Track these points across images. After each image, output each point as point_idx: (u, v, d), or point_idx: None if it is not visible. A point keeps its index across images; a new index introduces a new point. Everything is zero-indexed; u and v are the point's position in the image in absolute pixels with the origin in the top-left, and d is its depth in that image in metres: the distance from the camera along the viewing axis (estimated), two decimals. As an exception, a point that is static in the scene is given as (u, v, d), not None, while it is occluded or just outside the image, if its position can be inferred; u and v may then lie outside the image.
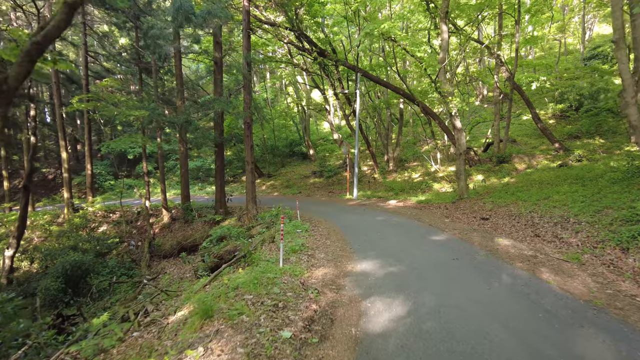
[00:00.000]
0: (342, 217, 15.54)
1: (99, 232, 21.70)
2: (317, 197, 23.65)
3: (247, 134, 16.75)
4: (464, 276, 7.38)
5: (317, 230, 12.56)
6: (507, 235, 11.23)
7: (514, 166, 23.86)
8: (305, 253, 9.23)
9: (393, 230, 12.32)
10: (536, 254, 8.81)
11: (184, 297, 7.29)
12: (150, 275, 16.16)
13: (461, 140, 17.69)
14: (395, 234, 11.60)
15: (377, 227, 12.90)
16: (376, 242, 10.61)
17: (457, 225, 12.88)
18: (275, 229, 12.51)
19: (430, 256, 8.89)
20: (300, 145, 34.58)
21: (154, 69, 20.83)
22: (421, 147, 30.30)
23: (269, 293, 5.91)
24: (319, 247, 10.02)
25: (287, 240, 10.49)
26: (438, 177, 23.85)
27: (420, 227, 12.60)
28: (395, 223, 13.56)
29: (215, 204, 19.79)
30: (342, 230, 12.49)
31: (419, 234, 11.47)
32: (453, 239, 10.78)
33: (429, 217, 14.55)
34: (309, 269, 7.89)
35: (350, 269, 8.00)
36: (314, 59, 22.25)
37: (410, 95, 23.17)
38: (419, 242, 10.46)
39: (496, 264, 8.02)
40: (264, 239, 10.57)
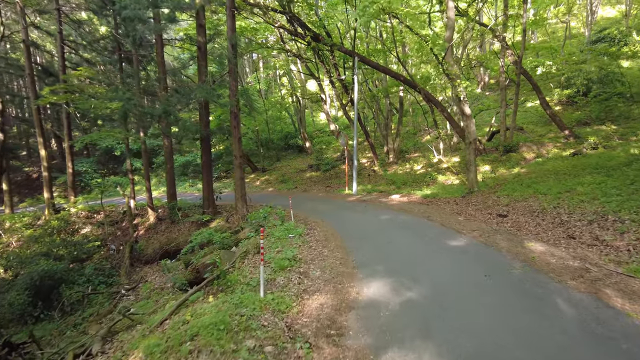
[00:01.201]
0: (342, 217, 13.62)
1: (80, 235, 19.75)
2: (314, 192, 21.70)
3: (234, 124, 14.78)
4: (510, 306, 5.49)
5: (313, 235, 10.62)
6: (536, 237, 9.35)
7: (522, 155, 21.95)
8: (296, 270, 7.27)
9: (401, 232, 10.40)
10: (585, 265, 6.91)
11: (136, 337, 5.35)
12: (130, 284, 14.25)
13: (470, 128, 15.75)
14: (405, 239, 9.68)
15: (382, 229, 10.98)
16: (383, 250, 8.69)
17: (474, 225, 10.98)
18: (265, 233, 10.54)
19: (454, 272, 6.99)
20: (296, 137, 32.53)
21: (135, 58, 18.77)
22: (422, 138, 28.34)
23: (238, 352, 3.93)
24: (314, 260, 8.09)
25: (276, 249, 8.58)
26: (442, 168, 21.94)
27: (432, 228, 10.69)
28: (402, 223, 11.65)
29: (203, 203, 17.84)
30: (341, 234, 10.56)
31: (433, 238, 9.55)
32: (474, 243, 8.87)
33: (439, 215, 12.64)
34: (299, 298, 5.97)
35: (355, 296, 6.06)
36: (307, 43, 20.18)
37: (412, 82, 21.17)
38: (435, 249, 8.53)
39: (542, 283, 6.13)
40: (247, 249, 8.59)
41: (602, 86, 25.41)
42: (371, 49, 22.51)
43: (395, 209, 14.34)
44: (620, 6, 38.32)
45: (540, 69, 27.12)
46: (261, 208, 15.02)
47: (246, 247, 8.73)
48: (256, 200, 19.99)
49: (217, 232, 11.69)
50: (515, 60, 22.75)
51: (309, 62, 24.56)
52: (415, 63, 24.39)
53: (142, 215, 21.04)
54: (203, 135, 17.00)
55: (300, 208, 15.95)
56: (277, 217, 12.46)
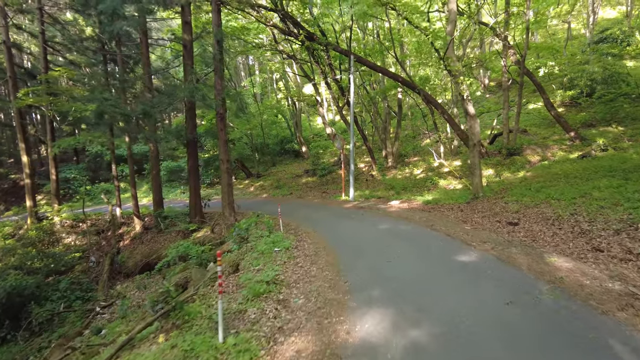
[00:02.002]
0: (336, 226, 12.28)
1: (62, 245, 18.38)
2: (310, 198, 20.36)
3: (220, 126, 13.49)
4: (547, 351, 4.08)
5: (302, 248, 9.28)
6: (556, 250, 8.05)
7: (526, 159, 20.66)
8: (274, 298, 5.91)
9: (402, 245, 9.05)
10: (629, 289, 5.59)
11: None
12: (107, 300, 12.87)
13: (475, 129, 14.46)
14: (407, 253, 8.33)
15: (380, 241, 9.63)
16: (381, 268, 7.34)
17: (483, 235, 9.66)
18: (249, 246, 9.20)
19: (468, 298, 5.64)
20: (292, 142, 31.19)
21: (119, 58, 17.54)
22: (421, 141, 27.03)
23: None
24: (299, 282, 6.75)
25: (256, 267, 7.23)
26: (443, 172, 20.62)
27: (437, 240, 9.36)
28: (402, 234, 10.31)
29: (190, 211, 16.51)
30: (334, 247, 9.21)
31: (439, 252, 8.22)
32: (487, 258, 7.54)
33: (443, 223, 11.31)
34: (271, 342, 4.56)
35: (344, 338, 4.64)
36: (301, 42, 18.92)
37: (411, 83, 19.93)
38: (443, 267, 7.19)
39: (582, 316, 4.81)
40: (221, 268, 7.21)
41: (607, 87, 24.31)
42: (368, 49, 21.25)
43: (394, 217, 13.01)
44: (620, 7, 37.21)
45: (543, 70, 25.93)
46: (252, 216, 13.71)
47: (225, 263, 7.37)
48: (248, 208, 18.67)
49: (197, 244, 10.34)
50: (517, 60, 21.54)
51: (304, 62, 23.30)
52: (414, 64, 23.13)
53: (128, 223, 19.70)
54: (189, 139, 15.69)
55: (292, 216, 14.63)
56: (264, 226, 11.09)
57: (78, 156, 33.34)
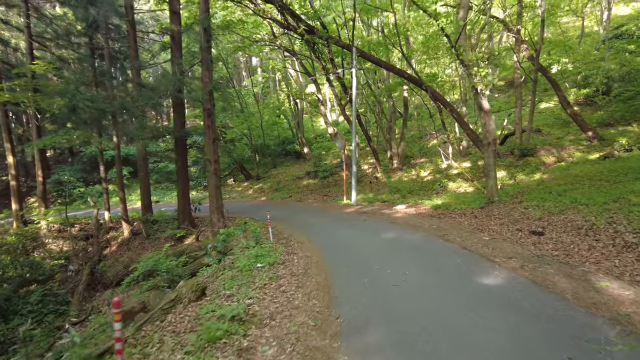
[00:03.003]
0: (334, 235, 10.67)
1: (45, 251, 16.90)
2: (309, 202, 18.75)
3: (208, 123, 11.96)
4: None
5: (290, 264, 7.70)
6: (601, 269, 6.51)
7: (540, 160, 18.93)
8: (234, 346, 4.25)
9: (411, 261, 7.45)
10: None
11: None
12: (80, 315, 11.34)
13: (490, 126, 12.81)
14: (418, 273, 6.74)
15: (384, 256, 8.02)
16: (386, 297, 5.76)
17: (506, 248, 8.03)
18: (231, 259, 7.61)
19: (509, 349, 3.95)
20: (294, 143, 29.59)
21: (106, 52, 16.11)
22: (428, 142, 25.34)
23: None
24: (275, 318, 5.16)
25: (229, 291, 5.64)
26: (452, 174, 18.96)
27: (452, 253, 7.74)
28: (411, 245, 8.70)
29: (179, 216, 14.97)
30: (329, 262, 7.63)
31: (456, 272, 6.62)
32: (519, 282, 5.93)
33: (457, 232, 9.69)
34: None
35: None
36: (300, 35, 17.35)
37: (417, 79, 18.30)
38: (464, 295, 5.59)
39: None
40: (180, 294, 5.52)
41: (625, 84, 22.60)
42: (372, 44, 19.63)
43: (400, 224, 11.38)
44: (634, 3, 35.31)
45: (556, 67, 24.18)
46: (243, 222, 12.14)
47: (187, 287, 5.76)
48: (242, 212, 17.17)
49: (176, 255, 8.78)
50: (530, 56, 19.88)
51: (304, 58, 21.74)
52: (421, 60, 21.46)
53: (117, 228, 18.22)
54: (177, 137, 14.18)
55: (287, 222, 13.07)
56: (252, 235, 9.48)
57: (73, 157, 31.97)
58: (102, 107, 10.62)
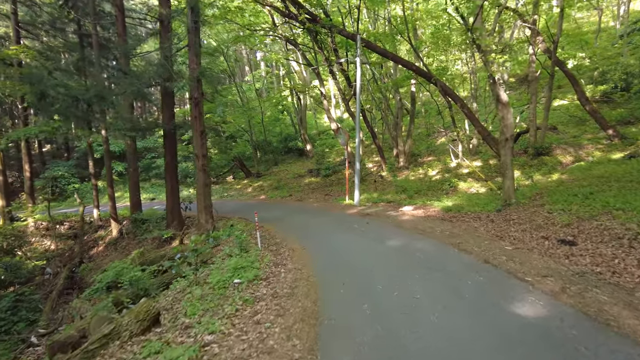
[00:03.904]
0: (332, 241, 9.26)
1: (29, 250, 15.67)
2: (310, 201, 17.37)
3: (195, 114, 10.63)
4: None
5: (275, 280, 6.33)
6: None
7: (556, 159, 17.40)
8: None
9: (422, 277, 6.07)
10: None
11: None
12: (49, 325, 10.04)
13: (507, 120, 11.36)
14: (431, 296, 5.35)
15: (389, 270, 6.62)
16: (392, 333, 4.33)
17: (536, 262, 6.65)
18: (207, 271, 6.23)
19: None
20: (296, 140, 28.18)
21: (95, 39, 14.83)
22: (436, 140, 23.83)
23: None
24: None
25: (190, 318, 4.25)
26: (462, 173, 17.51)
27: (472, 269, 6.36)
28: (421, 256, 7.30)
29: (167, 215, 13.66)
30: (322, 277, 6.28)
31: (480, 295, 5.23)
32: (565, 313, 4.55)
33: (473, 240, 8.27)
34: None
35: None
36: (301, 24, 15.95)
37: (426, 72, 16.88)
38: (495, 332, 4.18)
39: None
40: (116, 327, 4.11)
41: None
42: (379, 34, 18.17)
43: (408, 228, 9.96)
44: (652, -2, 33.50)
45: (572, 62, 22.58)
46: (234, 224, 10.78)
47: (131, 315, 4.34)
48: (236, 211, 15.83)
49: (138, 264, 7.44)
50: (546, 48, 18.34)
51: (306, 49, 20.32)
52: (430, 54, 19.93)
53: (106, 227, 16.96)
54: (166, 130, 12.86)
55: (283, 223, 11.72)
56: (237, 241, 8.08)
57: (69, 153, 30.82)
58: (74, 94, 9.32)
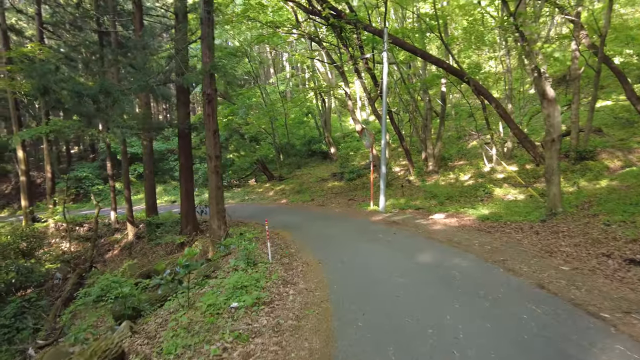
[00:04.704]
0: (353, 254, 8.06)
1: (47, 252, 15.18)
2: (332, 206, 16.22)
3: (208, 111, 9.71)
4: None
5: (279, 306, 5.22)
6: None
7: (602, 164, 15.59)
8: None
9: (464, 308, 4.87)
10: None
11: None
12: (51, 335, 9.28)
13: (554, 119, 9.94)
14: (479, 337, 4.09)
15: (421, 296, 5.39)
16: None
17: (605, 288, 5.35)
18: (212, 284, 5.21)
19: None
20: (320, 142, 27.09)
21: (114, 37, 14.27)
22: (467, 143, 22.25)
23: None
24: None
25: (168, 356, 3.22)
26: (497, 179, 15.97)
27: (527, 297, 5.11)
28: (458, 276, 6.08)
29: (181, 219, 12.82)
30: (337, 304, 5.12)
31: (545, 340, 3.96)
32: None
33: (520, 257, 6.97)
34: None
35: None
36: (325, 19, 14.92)
37: (458, 71, 15.57)
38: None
39: None
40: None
41: (703, 79, 18.85)
42: (407, 30, 16.90)
43: (441, 240, 8.69)
44: None
45: (618, 59, 20.62)
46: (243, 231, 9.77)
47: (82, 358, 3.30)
48: (255, 216, 14.85)
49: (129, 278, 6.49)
50: (591, 44, 16.61)
51: (330, 48, 19.24)
52: (462, 50, 18.49)
53: (123, 230, 16.33)
54: (180, 130, 12.02)
55: (300, 231, 10.64)
56: (243, 252, 7.00)
57: (95, 154, 30.78)
58: (78, 89, 8.57)
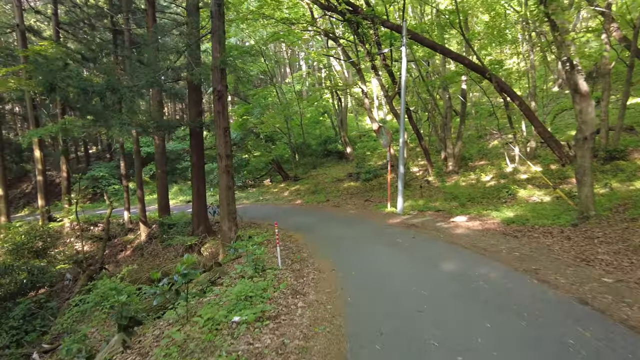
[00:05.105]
0: (369, 260, 7.48)
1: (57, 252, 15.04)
2: (347, 207, 15.63)
3: (218, 108, 9.28)
4: None
5: (286, 322, 4.69)
6: None
7: (635, 164, 14.59)
8: None
9: (494, 330, 4.25)
10: None
11: None
12: (57, 339, 8.97)
13: (587, 115, 9.18)
14: None
15: (445, 313, 4.77)
16: None
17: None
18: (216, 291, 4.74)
19: None
20: (336, 142, 26.49)
21: (127, 35, 14.04)
22: (488, 143, 21.34)
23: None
24: None
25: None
26: (520, 179, 15.12)
27: (568, 318, 4.40)
28: (486, 288, 5.46)
29: (193, 219, 12.44)
30: (350, 318, 4.53)
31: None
32: None
33: (554, 266, 6.31)
34: None
35: None
36: (341, 15, 14.35)
37: (480, 67, 14.81)
38: None
39: None
40: None
41: None
42: (425, 25, 16.22)
43: (465, 245, 8.03)
44: None
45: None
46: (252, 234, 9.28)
47: None
48: (269, 217, 14.37)
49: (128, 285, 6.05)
50: (622, 37, 15.59)
51: (346, 42, 18.66)
52: (484, 45, 17.65)
53: (136, 230, 16.09)
54: (192, 128, 11.64)
55: (314, 233, 10.10)
56: (251, 258, 6.49)
57: (112, 154, 30.89)
58: (83, 86, 8.23)
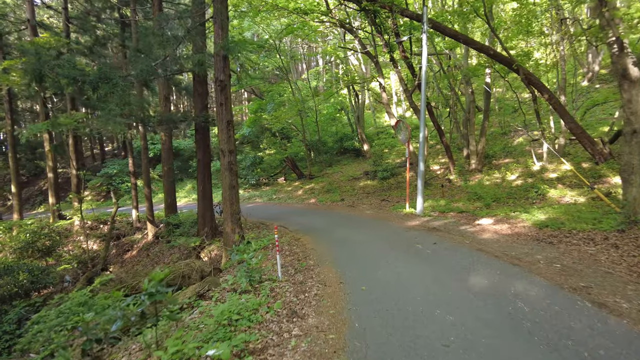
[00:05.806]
0: (382, 272, 6.46)
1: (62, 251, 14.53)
2: (363, 207, 14.59)
3: (221, 100, 8.42)
4: None
5: (278, 354, 3.65)
6: None
7: (677, 163, 12.89)
8: None
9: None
10: None
11: None
12: (46, 347, 8.22)
13: (638, 104, 7.89)
14: None
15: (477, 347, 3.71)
16: None
17: None
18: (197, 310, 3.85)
19: None
20: (353, 139, 25.43)
21: (133, 25, 13.39)
22: (512, 140, 19.97)
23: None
24: None
25: None
26: (549, 178, 13.83)
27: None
28: (526, 311, 4.44)
29: (198, 220, 11.65)
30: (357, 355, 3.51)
31: None
32: None
33: (607, 283, 5.18)
34: None
35: None
36: (357, 2, 13.35)
37: (506, 58, 13.57)
38: None
39: None
40: None
41: None
42: (446, 13, 15.04)
43: (494, 254, 6.95)
44: None
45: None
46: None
47: None
48: (279, 217, 13.48)
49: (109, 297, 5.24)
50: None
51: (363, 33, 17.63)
52: (512, 35, 16.31)
53: (144, 229, 15.45)
54: (196, 123, 10.83)
55: (324, 236, 9.14)
56: (244, 268, 5.57)
57: (126, 151, 30.60)
58: (73, 74, 7.48)
